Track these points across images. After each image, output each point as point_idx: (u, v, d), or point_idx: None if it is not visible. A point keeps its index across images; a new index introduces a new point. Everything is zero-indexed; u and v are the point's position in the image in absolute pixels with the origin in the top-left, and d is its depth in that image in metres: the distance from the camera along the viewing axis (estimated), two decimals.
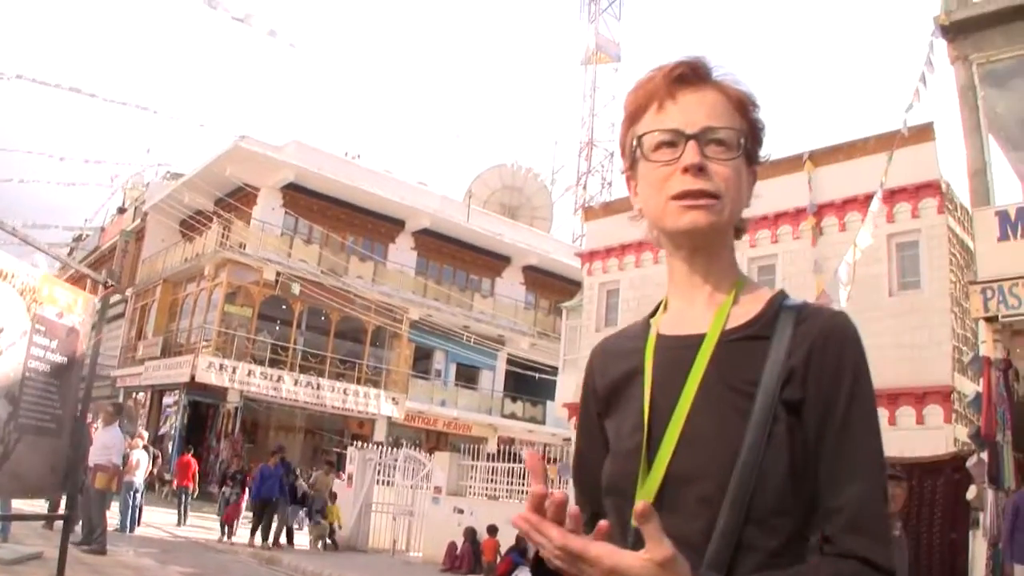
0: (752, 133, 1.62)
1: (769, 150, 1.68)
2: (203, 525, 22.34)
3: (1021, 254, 12.45)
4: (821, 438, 1.43)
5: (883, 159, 14.37)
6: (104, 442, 14.67)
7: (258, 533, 19.24)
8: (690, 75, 1.58)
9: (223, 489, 20.42)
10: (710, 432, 1.45)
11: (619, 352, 1.72)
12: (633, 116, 1.64)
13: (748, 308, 1.59)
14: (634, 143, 1.62)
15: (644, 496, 1.45)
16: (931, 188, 19.56)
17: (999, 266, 12.59)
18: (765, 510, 1.38)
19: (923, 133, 19.20)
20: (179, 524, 22.12)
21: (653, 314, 1.74)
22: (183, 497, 22.69)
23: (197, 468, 24.25)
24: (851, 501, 1.39)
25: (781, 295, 1.62)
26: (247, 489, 20.61)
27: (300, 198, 36.80)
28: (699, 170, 1.52)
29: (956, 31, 13.74)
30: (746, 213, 1.64)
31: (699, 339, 1.56)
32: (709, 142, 1.54)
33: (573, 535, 1.21)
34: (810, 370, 1.46)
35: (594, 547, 1.20)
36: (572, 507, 1.27)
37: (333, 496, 21.09)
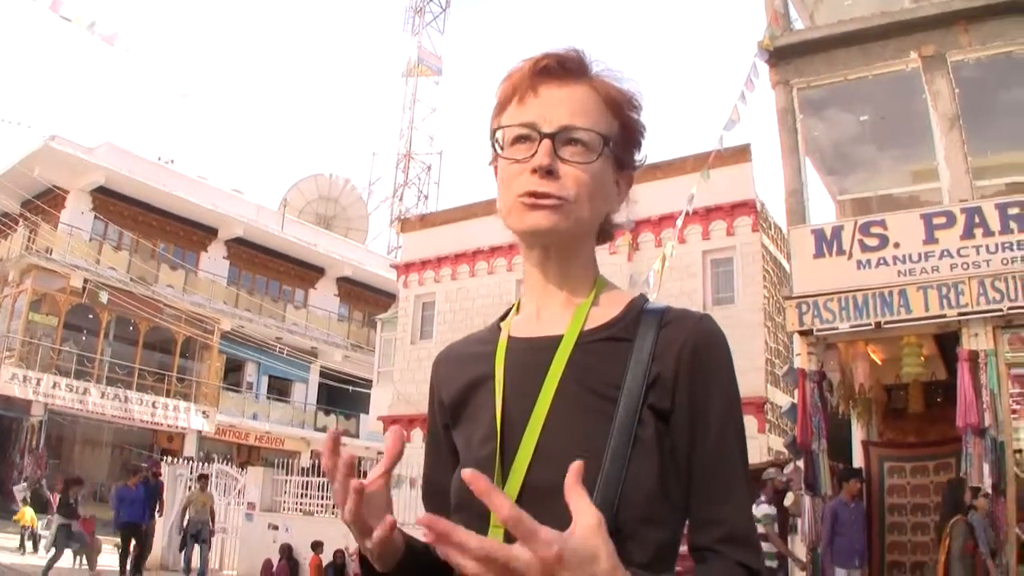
0: (624, 135, 1.55)
1: (647, 153, 1.61)
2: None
3: (834, 271, 12.96)
4: (693, 448, 1.39)
5: (699, 178, 14.81)
6: None
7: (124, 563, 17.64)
8: (556, 68, 1.50)
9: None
10: (570, 438, 1.37)
11: (466, 358, 1.63)
12: (499, 107, 1.56)
13: (607, 309, 1.52)
14: (494, 137, 1.55)
15: None
16: (746, 207, 20.30)
17: (814, 282, 13.07)
18: (634, 520, 1.32)
19: (740, 154, 19.91)
20: None
21: (504, 318, 1.65)
22: None
23: None
24: (730, 514, 1.37)
25: (642, 298, 1.56)
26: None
27: (111, 202, 35.40)
28: (547, 172, 1.44)
29: (779, 56, 14.27)
30: None
31: (555, 340, 1.49)
32: (567, 142, 1.46)
33: (495, 543, 1.03)
34: (679, 379, 1.41)
35: (517, 550, 1.03)
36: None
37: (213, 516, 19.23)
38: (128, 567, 17.58)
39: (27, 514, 21.85)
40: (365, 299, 45.35)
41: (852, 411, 13.94)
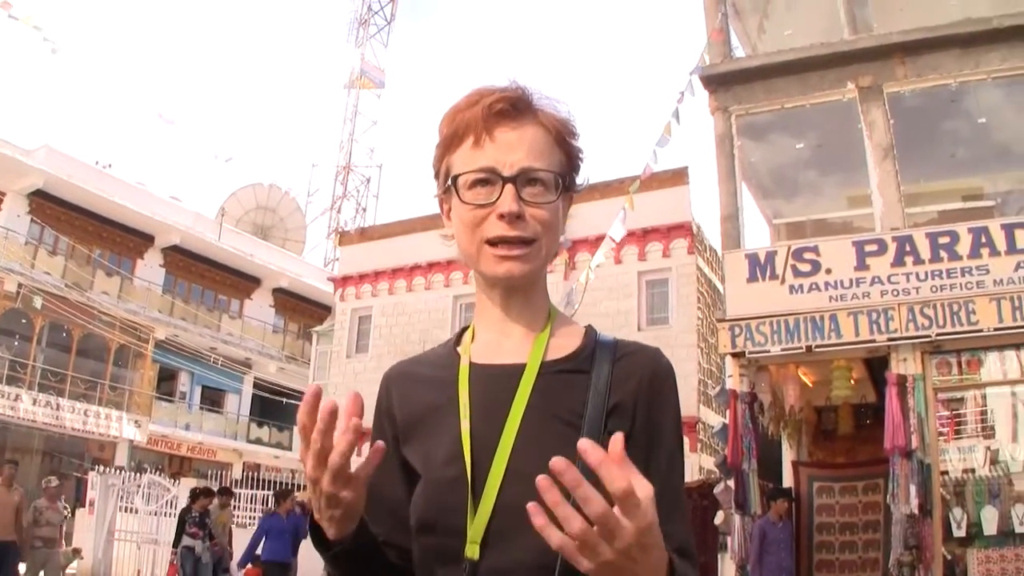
0: (569, 163, 1.62)
1: (587, 175, 1.68)
2: None
3: (767, 295, 13.15)
4: (648, 467, 1.42)
5: (637, 199, 14.93)
6: None
7: None
8: (510, 110, 1.56)
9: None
10: (539, 460, 1.30)
11: (423, 379, 1.69)
12: (448, 143, 1.61)
13: (565, 341, 1.62)
14: (448, 180, 1.60)
15: (476, 528, 1.44)
16: (682, 229, 20.56)
17: (746, 305, 13.24)
18: None
19: (677, 177, 20.20)
20: None
21: (458, 343, 1.71)
22: None
23: None
24: (676, 529, 1.42)
25: (593, 330, 1.67)
26: None
27: (48, 206, 34.83)
28: (516, 217, 1.52)
29: (719, 83, 14.47)
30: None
31: (518, 369, 1.57)
32: (527, 183, 1.53)
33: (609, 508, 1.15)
34: (639, 406, 1.53)
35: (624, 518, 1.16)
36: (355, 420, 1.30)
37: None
38: None
39: None
40: (301, 311, 45.04)
41: (783, 432, 14.18)
